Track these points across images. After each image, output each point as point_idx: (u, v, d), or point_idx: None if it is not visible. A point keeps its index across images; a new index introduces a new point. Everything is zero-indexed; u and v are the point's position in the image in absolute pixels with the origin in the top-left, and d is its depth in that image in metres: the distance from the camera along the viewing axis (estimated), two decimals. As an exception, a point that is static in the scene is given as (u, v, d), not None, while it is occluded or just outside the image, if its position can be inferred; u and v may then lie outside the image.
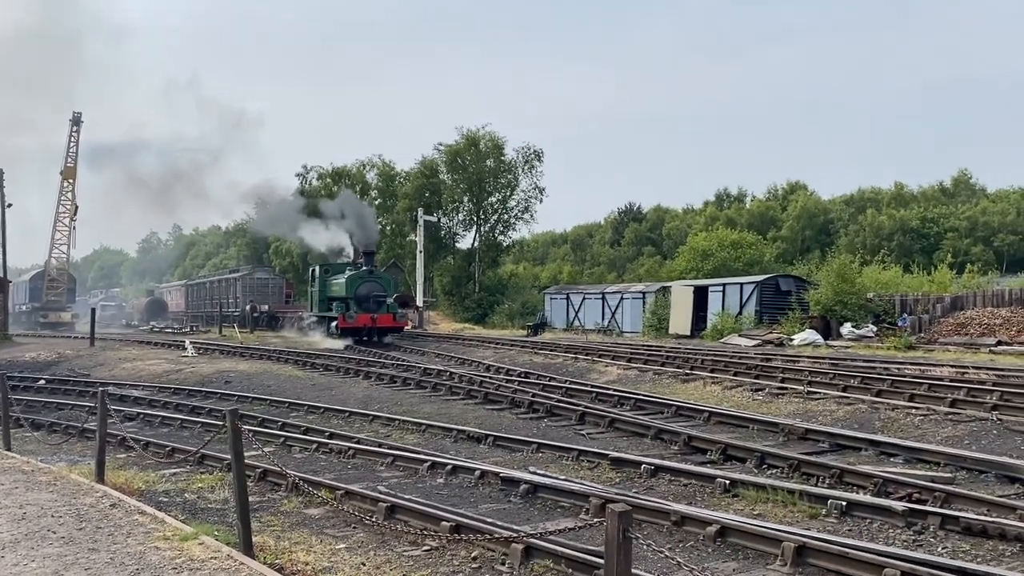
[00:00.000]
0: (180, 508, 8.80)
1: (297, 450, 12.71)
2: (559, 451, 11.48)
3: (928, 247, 61.54)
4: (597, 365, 23.92)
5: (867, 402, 15.03)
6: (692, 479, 9.51)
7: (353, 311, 34.15)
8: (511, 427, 14.42)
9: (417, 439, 13.43)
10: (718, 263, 50.57)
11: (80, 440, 13.80)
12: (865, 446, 11.32)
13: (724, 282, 38.37)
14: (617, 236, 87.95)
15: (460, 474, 10.13)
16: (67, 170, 55.17)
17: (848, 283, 32.11)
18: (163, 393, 20.62)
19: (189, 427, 15.55)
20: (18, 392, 19.89)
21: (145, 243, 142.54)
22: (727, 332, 33.06)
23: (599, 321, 43.55)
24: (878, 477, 8.97)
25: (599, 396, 17.22)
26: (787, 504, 8.30)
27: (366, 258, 36.49)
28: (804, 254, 65.41)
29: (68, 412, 18.27)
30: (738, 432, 13.00)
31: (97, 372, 26.34)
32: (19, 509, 7.88)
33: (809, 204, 74.18)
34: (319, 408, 16.91)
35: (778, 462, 10.30)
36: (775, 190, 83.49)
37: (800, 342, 29.11)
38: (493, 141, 59.92)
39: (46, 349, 33.45)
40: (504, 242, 63.12)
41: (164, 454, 12.07)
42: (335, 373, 24.04)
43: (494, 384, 19.54)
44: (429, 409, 16.86)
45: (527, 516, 8.38)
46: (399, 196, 62.36)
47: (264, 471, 10.09)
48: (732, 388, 18.08)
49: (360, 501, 8.53)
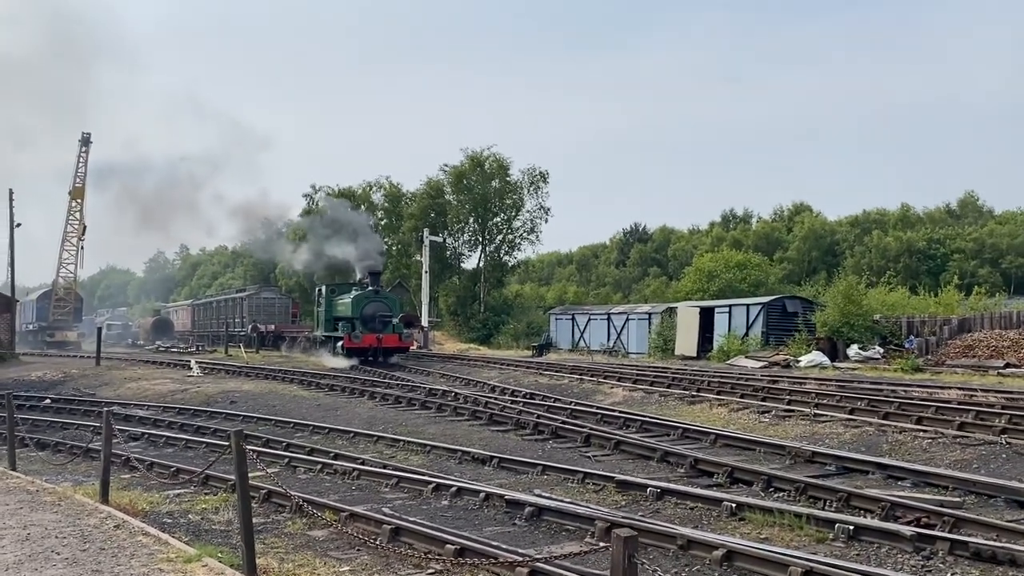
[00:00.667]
0: (184, 529, 8.77)
1: (301, 471, 12.68)
2: (564, 473, 11.43)
3: (935, 268, 61.40)
4: (603, 386, 23.85)
5: (874, 425, 14.95)
6: (698, 502, 9.46)
7: (359, 331, 34.15)
8: (516, 448, 14.36)
9: (422, 460, 13.38)
10: (724, 284, 50.53)
11: (85, 460, 13.81)
12: (872, 469, 11.25)
13: (730, 303, 38.31)
14: (623, 257, 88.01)
15: (465, 496, 10.08)
16: (75, 190, 55.42)
17: (855, 304, 32.03)
18: (168, 413, 20.61)
19: (194, 447, 15.53)
20: (24, 411, 19.92)
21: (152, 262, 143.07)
22: (733, 353, 32.97)
23: (604, 342, 43.47)
24: (886, 501, 8.91)
25: (604, 418, 17.16)
26: (794, 528, 8.24)
27: (372, 278, 36.51)
28: (810, 275, 65.31)
29: (73, 432, 18.28)
30: (745, 455, 12.94)
31: (102, 391, 26.38)
32: (23, 530, 7.87)
33: (815, 225, 74.17)
34: (324, 428, 16.88)
35: (785, 485, 10.24)
36: (780, 211, 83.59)
37: (807, 364, 29.00)
38: (498, 162, 60.21)
39: (52, 368, 33.51)
40: (509, 262, 63.21)
41: (168, 475, 12.04)
42: (340, 393, 24.02)
43: (499, 405, 19.49)
44: (434, 430, 16.81)
45: (532, 539, 8.33)
46: (405, 217, 62.55)
47: (268, 492, 10.06)
48: (738, 410, 18.01)
49: (364, 523, 8.49)
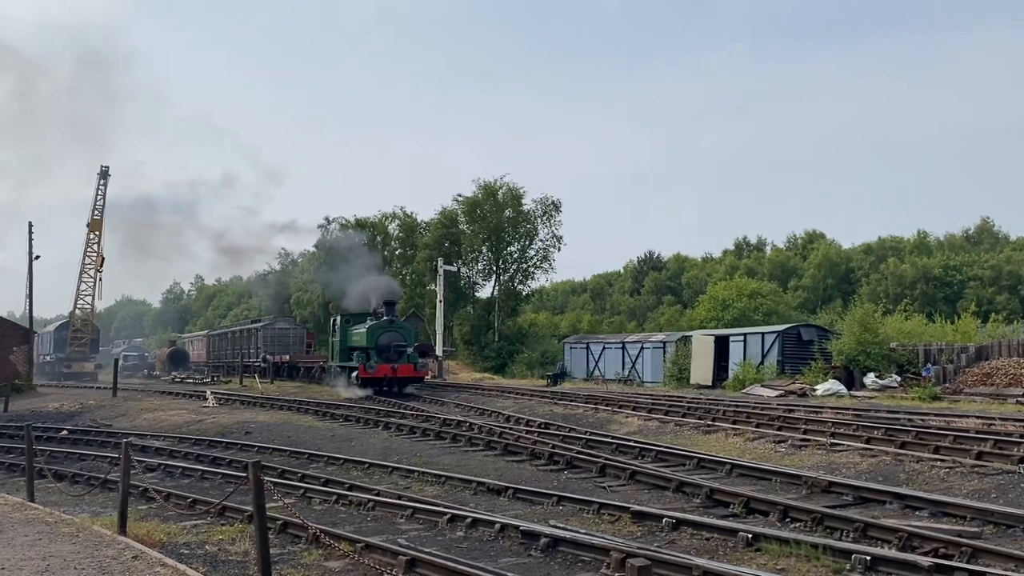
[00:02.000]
0: (201, 560, 8.82)
1: (317, 502, 12.70)
2: (579, 504, 11.41)
3: (951, 296, 61.02)
4: (618, 416, 23.78)
5: (891, 454, 14.84)
6: (714, 533, 9.42)
7: (374, 361, 34.24)
8: (531, 479, 14.34)
9: (437, 491, 13.38)
10: (738, 313, 50.41)
11: (102, 491, 13.89)
12: (890, 499, 11.17)
13: (745, 331, 38.19)
14: (637, 285, 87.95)
15: (480, 527, 10.08)
16: (94, 222, 56.20)
17: (871, 332, 31.86)
18: (184, 444, 20.69)
19: (210, 478, 15.58)
20: (41, 442, 20.07)
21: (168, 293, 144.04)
22: (749, 382, 32.81)
23: (619, 371, 43.36)
24: (903, 531, 8.85)
25: (619, 448, 17.12)
26: (811, 558, 8.20)
27: (387, 308, 36.64)
28: (825, 303, 65.06)
29: (90, 463, 18.39)
30: (760, 485, 12.87)
31: (119, 423, 26.52)
32: (42, 561, 7.94)
33: (830, 253, 73.99)
34: (339, 459, 16.90)
35: (801, 515, 10.19)
36: (794, 239, 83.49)
37: (823, 392, 28.83)
38: (511, 192, 60.61)
39: (69, 399, 33.77)
40: (523, 291, 63.36)
41: (185, 505, 12.11)
42: (355, 424, 24.05)
43: (514, 435, 19.46)
44: (448, 460, 16.81)
45: (548, 570, 8.32)
46: (419, 246, 62.92)
47: (284, 523, 10.10)
48: (754, 440, 17.92)
49: (380, 554, 8.51)
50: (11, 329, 43.75)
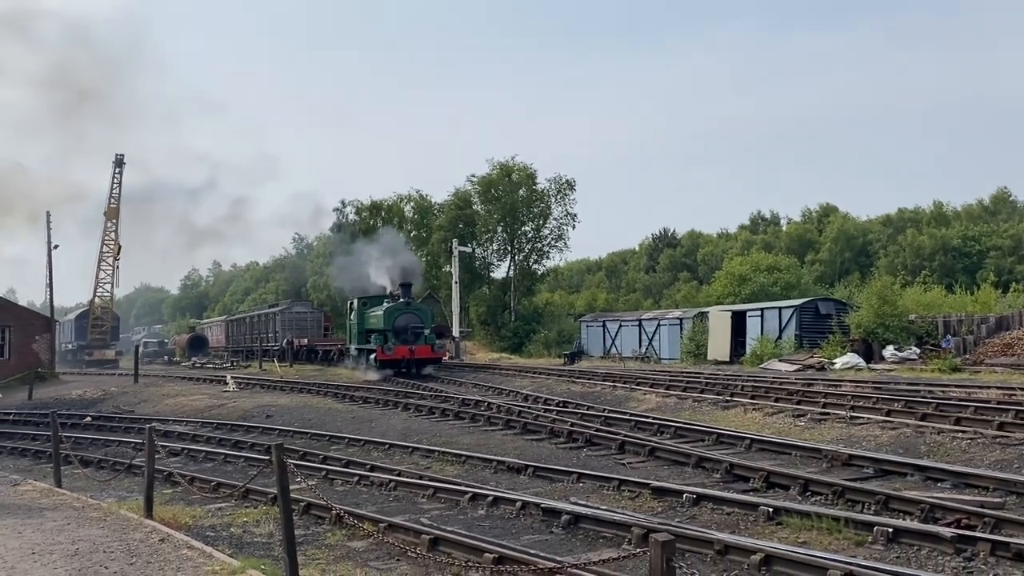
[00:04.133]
0: (227, 542, 8.93)
1: (339, 483, 12.82)
2: (600, 481, 11.46)
3: (971, 266, 60.41)
4: (635, 393, 23.80)
5: (912, 426, 14.79)
6: (735, 507, 9.44)
7: (391, 343, 34.37)
8: (551, 457, 14.40)
9: (457, 470, 13.47)
10: (755, 288, 50.14)
11: (127, 476, 14.07)
12: (911, 471, 11.14)
13: (763, 306, 38.03)
14: (652, 262, 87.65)
15: (501, 505, 10.15)
16: (110, 211, 56.51)
17: (889, 305, 31.65)
18: (206, 428, 20.91)
19: (233, 462, 15.75)
20: (66, 429, 20.31)
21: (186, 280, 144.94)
22: (767, 357, 32.72)
23: (636, 348, 43.33)
24: (925, 503, 8.84)
25: (638, 424, 17.15)
26: (832, 531, 8.21)
27: (403, 290, 36.72)
28: (843, 276, 64.62)
29: (115, 448, 18.62)
30: (780, 459, 12.87)
31: (141, 408, 26.81)
32: (72, 545, 8.07)
33: (846, 226, 73.37)
34: (359, 441, 17.04)
35: (822, 489, 10.19)
36: (809, 213, 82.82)
37: (842, 366, 28.71)
38: (525, 171, 60.37)
39: (92, 386, 34.14)
40: (538, 271, 63.26)
41: (209, 489, 12.24)
42: (374, 405, 24.21)
43: (532, 414, 19.54)
44: (468, 440, 16.90)
45: (569, 547, 8.37)
46: (434, 228, 62.90)
47: (308, 504, 10.21)
48: (773, 414, 17.90)
49: (403, 533, 8.59)
50: (33, 318, 44.17)
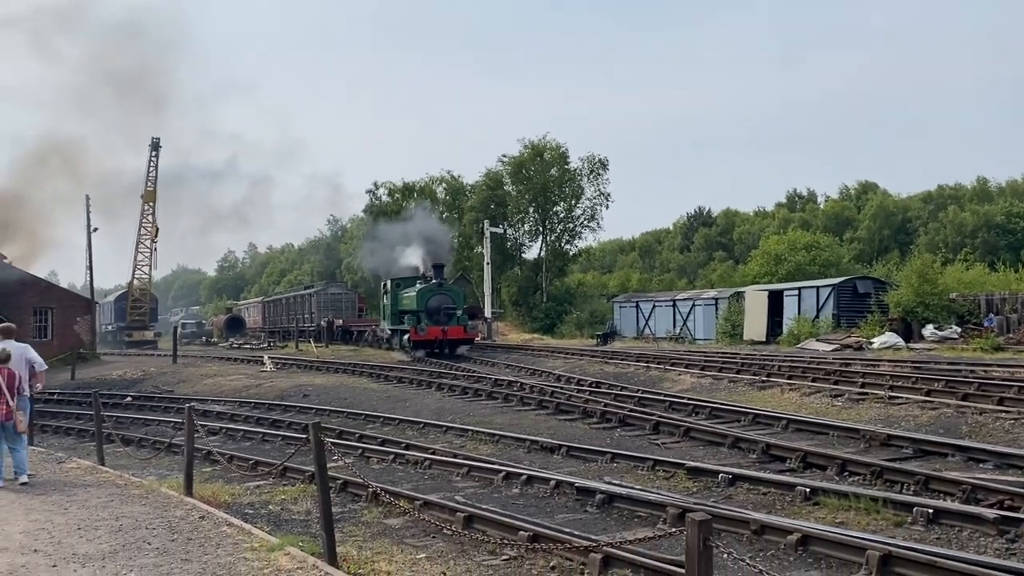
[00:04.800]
0: (265, 520, 9.06)
1: (375, 461, 12.94)
2: (634, 461, 11.42)
3: (1015, 243, 59.10)
4: (670, 374, 23.69)
5: (953, 406, 14.55)
6: (771, 487, 9.36)
7: (424, 324, 34.56)
8: (584, 437, 14.39)
9: (491, 450, 13.52)
10: (793, 267, 49.52)
11: (168, 454, 14.32)
12: (952, 452, 10.96)
13: (800, 286, 37.60)
14: (687, 242, 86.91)
15: (535, 484, 10.17)
16: (147, 193, 57.20)
17: (930, 283, 31.13)
18: (244, 407, 21.22)
19: (270, 440, 15.97)
20: (108, 409, 20.72)
21: (223, 261, 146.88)
22: (804, 337, 32.36)
23: (670, 329, 43.12)
24: (967, 484, 8.69)
25: (673, 405, 17.06)
26: (870, 512, 8.11)
27: (436, 271, 36.86)
28: (882, 255, 63.62)
29: (155, 428, 18.99)
30: (818, 439, 12.73)
31: (180, 388, 27.27)
32: (115, 521, 8.23)
33: (886, 203, 72.12)
34: (394, 420, 17.19)
35: (860, 469, 10.07)
36: (847, 190, 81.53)
37: (880, 345, 28.32)
38: (557, 150, 60.04)
39: (132, 367, 34.78)
40: (570, 251, 63.06)
41: (248, 467, 12.43)
42: (408, 385, 24.38)
43: (565, 394, 19.54)
44: (501, 420, 16.95)
45: (604, 526, 8.37)
46: (465, 209, 62.93)
47: (344, 482, 10.32)
48: (810, 394, 17.71)
49: (438, 511, 8.64)
50: (74, 300, 45.02)
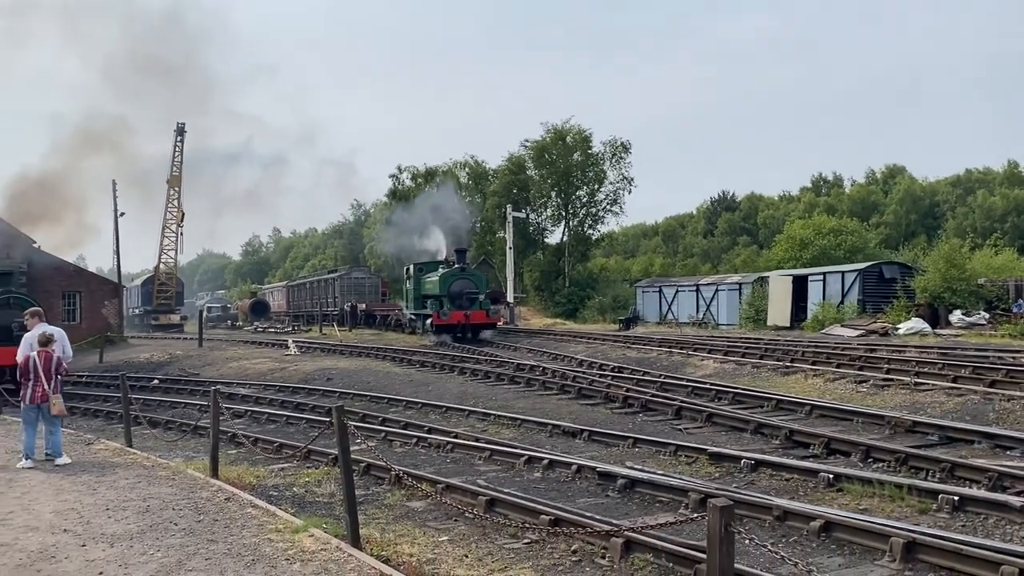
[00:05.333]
0: (290, 502, 9.16)
1: (397, 444, 13.03)
2: (656, 446, 11.42)
3: (1046, 228, 58.26)
4: (692, 359, 23.60)
5: (980, 393, 14.38)
6: (794, 473, 9.32)
7: (447, 308, 34.65)
8: (606, 422, 14.40)
9: (513, 434, 13.56)
10: (818, 251, 49.07)
11: (194, 437, 14.51)
12: (978, 439, 10.85)
13: (824, 271, 37.26)
14: (710, 226, 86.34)
15: (557, 468, 10.19)
16: (173, 178, 57.73)
17: (957, 268, 30.75)
18: (269, 390, 21.42)
19: (294, 423, 16.12)
20: (135, 391, 21.00)
21: (247, 246, 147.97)
22: (828, 322, 32.10)
23: (693, 314, 42.92)
24: (993, 471, 8.60)
25: (695, 390, 17.01)
26: (895, 499, 8.05)
27: (458, 255, 36.91)
28: (908, 239, 62.90)
29: (181, 410, 19.22)
30: (842, 425, 12.65)
31: (206, 372, 27.56)
32: (143, 502, 8.36)
33: (913, 187, 71.21)
34: (417, 404, 17.28)
35: (884, 456, 9.99)
36: (872, 175, 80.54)
37: (906, 331, 28.04)
38: (580, 134, 59.76)
39: (158, 350, 35.20)
40: (593, 236, 62.89)
41: (272, 450, 12.55)
42: (431, 369, 24.48)
43: (587, 379, 19.53)
44: (523, 404, 16.99)
45: (625, 511, 8.38)
46: (488, 194, 62.89)
47: (368, 465, 10.41)
48: (835, 380, 17.58)
49: (460, 495, 8.69)
50: (102, 284, 45.56)
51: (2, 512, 8.04)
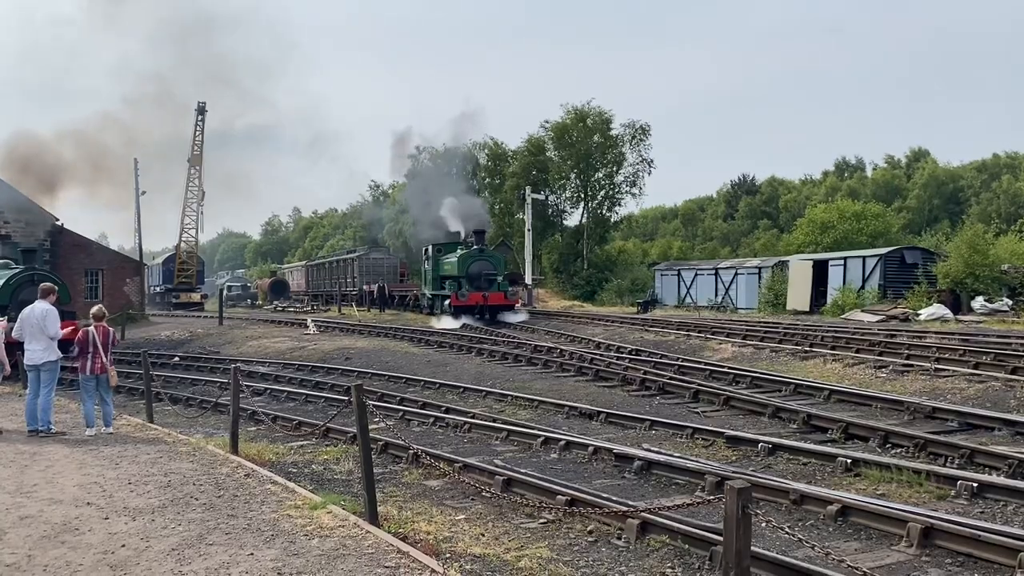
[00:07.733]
0: (308, 479, 9.25)
1: (415, 424, 13.11)
2: (673, 428, 11.42)
3: (1072, 215, 57.35)
4: (711, 342, 23.53)
5: (1001, 380, 14.26)
6: (811, 458, 9.30)
7: (465, 289, 34.69)
8: (623, 404, 14.41)
9: (530, 415, 13.61)
10: (839, 236, 48.60)
11: (214, 413, 14.66)
12: (999, 426, 10.77)
13: (845, 255, 36.95)
14: (730, 210, 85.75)
15: (574, 450, 10.22)
16: (194, 157, 58.03)
17: (980, 254, 30.40)
18: (288, 369, 21.59)
19: (313, 401, 16.25)
20: (156, 368, 21.24)
21: (267, 225, 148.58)
22: (848, 308, 31.86)
23: (712, 297, 42.75)
24: (1013, 458, 8.54)
25: (713, 374, 16.98)
26: (912, 485, 8.02)
27: (476, 237, 36.90)
28: (931, 224, 62.20)
29: (202, 387, 19.42)
30: (860, 410, 12.59)
31: (226, 350, 27.81)
32: (164, 477, 8.48)
33: (937, 172, 70.33)
34: (435, 384, 17.36)
35: (903, 441, 9.95)
36: (892, 159, 79.60)
37: (927, 317, 27.80)
38: (600, 116, 59.41)
39: (179, 328, 35.54)
40: (612, 218, 62.63)
41: (291, 427, 12.67)
42: (449, 350, 24.57)
43: (605, 361, 19.54)
44: (540, 385, 17.03)
45: (641, 492, 8.40)
46: (507, 175, 62.72)
47: (385, 444, 10.48)
48: (854, 365, 17.49)
49: (478, 474, 8.74)
50: (124, 262, 45.98)
51: (27, 485, 8.18)
